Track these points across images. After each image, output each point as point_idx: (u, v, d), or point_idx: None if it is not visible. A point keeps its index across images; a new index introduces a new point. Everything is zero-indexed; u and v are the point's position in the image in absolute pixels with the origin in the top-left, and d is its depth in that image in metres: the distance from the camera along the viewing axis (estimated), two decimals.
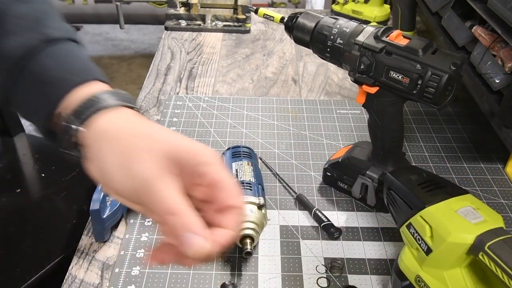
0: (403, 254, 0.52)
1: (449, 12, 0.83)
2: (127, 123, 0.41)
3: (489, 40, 0.71)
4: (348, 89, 1.01)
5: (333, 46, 0.63)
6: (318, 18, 0.65)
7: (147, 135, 0.40)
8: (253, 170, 0.68)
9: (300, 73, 1.07)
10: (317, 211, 0.68)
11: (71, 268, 0.61)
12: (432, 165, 0.80)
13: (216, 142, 0.84)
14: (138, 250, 0.63)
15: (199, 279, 0.60)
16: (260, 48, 1.17)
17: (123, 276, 0.60)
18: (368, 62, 0.60)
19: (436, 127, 0.89)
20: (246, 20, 1.25)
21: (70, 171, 1.05)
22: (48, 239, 0.91)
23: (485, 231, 0.45)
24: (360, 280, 0.60)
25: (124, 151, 0.38)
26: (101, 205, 0.61)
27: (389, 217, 0.69)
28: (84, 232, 0.67)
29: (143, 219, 0.68)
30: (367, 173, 0.68)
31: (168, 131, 0.41)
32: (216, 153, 0.42)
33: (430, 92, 0.57)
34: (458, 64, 0.56)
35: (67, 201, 0.99)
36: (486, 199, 0.73)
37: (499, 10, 0.63)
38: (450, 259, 0.47)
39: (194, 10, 1.24)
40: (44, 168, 1.08)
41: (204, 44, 1.18)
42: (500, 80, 0.67)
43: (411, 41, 0.59)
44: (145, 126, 0.41)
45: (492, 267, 0.43)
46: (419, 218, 0.49)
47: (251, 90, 1.00)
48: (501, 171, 0.79)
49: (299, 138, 0.86)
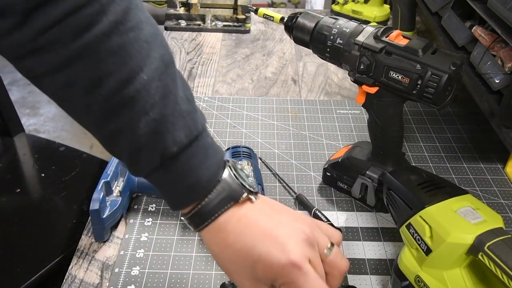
0: (403, 254, 0.52)
1: (449, 12, 0.83)
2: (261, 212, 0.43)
3: (489, 40, 0.71)
4: (348, 89, 1.01)
5: (333, 46, 0.63)
6: (318, 18, 0.65)
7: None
8: (253, 170, 0.68)
9: (300, 73, 1.07)
10: (317, 211, 0.68)
11: (71, 268, 0.61)
12: (432, 165, 0.80)
13: (216, 142, 0.83)
14: (138, 250, 0.63)
15: (199, 279, 0.60)
16: (260, 48, 1.17)
17: (123, 276, 0.60)
18: (368, 62, 0.60)
19: (436, 127, 0.89)
20: (246, 20, 1.25)
21: (70, 171, 1.05)
22: (48, 239, 0.91)
23: (484, 231, 0.45)
24: (360, 280, 0.60)
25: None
26: (101, 205, 0.61)
27: (389, 217, 0.69)
28: (84, 232, 0.67)
29: (143, 219, 0.68)
30: (367, 173, 0.68)
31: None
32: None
33: (430, 92, 0.57)
34: (458, 64, 0.56)
35: (67, 201, 0.99)
36: (486, 199, 0.73)
37: (499, 10, 0.63)
38: (449, 259, 0.47)
39: (194, 10, 1.24)
40: (44, 168, 1.08)
41: (204, 44, 1.18)
42: (500, 80, 0.67)
43: (411, 41, 0.60)
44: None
45: (492, 267, 0.43)
46: (418, 218, 0.49)
47: (251, 90, 1.00)
48: (501, 171, 0.79)
49: (299, 138, 0.86)
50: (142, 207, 0.70)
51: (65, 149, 1.15)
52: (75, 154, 1.13)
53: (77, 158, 1.12)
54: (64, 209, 0.98)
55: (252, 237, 0.41)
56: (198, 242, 0.65)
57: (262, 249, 0.40)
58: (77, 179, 1.04)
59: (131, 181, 0.67)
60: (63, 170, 1.06)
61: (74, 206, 0.97)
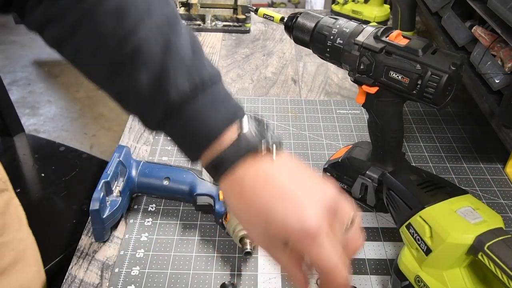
0: (403, 254, 0.52)
1: (449, 12, 0.83)
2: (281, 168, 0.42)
3: (489, 40, 0.71)
4: (348, 89, 1.01)
5: (333, 46, 0.63)
6: (318, 18, 0.65)
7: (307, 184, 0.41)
8: None
9: (300, 73, 1.07)
10: None
11: (71, 268, 0.61)
12: (432, 165, 0.80)
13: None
14: (138, 250, 0.63)
15: (199, 279, 0.60)
16: (260, 48, 1.17)
17: (123, 276, 0.60)
18: (368, 62, 0.60)
19: (436, 127, 0.89)
20: (246, 20, 1.25)
21: (70, 171, 1.06)
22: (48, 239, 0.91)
23: (484, 231, 0.45)
24: (360, 280, 0.60)
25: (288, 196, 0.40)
26: (101, 205, 0.61)
27: (389, 217, 0.69)
28: (84, 232, 0.67)
29: (143, 219, 0.68)
30: (367, 173, 0.68)
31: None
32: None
33: (430, 92, 0.57)
34: (458, 64, 0.56)
35: (67, 201, 0.99)
36: (486, 199, 0.73)
37: (499, 10, 0.63)
38: (449, 259, 0.47)
39: (194, 10, 1.24)
40: (44, 168, 1.08)
41: (203, 44, 1.18)
42: (500, 80, 0.67)
43: (411, 41, 0.59)
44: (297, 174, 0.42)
45: (492, 267, 0.43)
46: (418, 218, 0.49)
47: (251, 90, 1.00)
48: (501, 171, 0.79)
49: (299, 138, 0.86)
50: (142, 207, 0.70)
51: (65, 149, 1.15)
52: (75, 154, 1.13)
53: (77, 158, 1.12)
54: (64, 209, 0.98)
55: (268, 196, 0.40)
56: (198, 242, 0.65)
57: (276, 210, 0.39)
58: (77, 179, 1.04)
59: (131, 181, 0.68)
60: (63, 170, 1.06)
61: (74, 206, 0.97)
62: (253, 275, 0.60)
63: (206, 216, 0.69)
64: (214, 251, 0.63)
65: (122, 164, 0.66)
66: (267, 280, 0.60)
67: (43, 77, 2.72)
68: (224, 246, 0.64)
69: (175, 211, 0.69)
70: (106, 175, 0.63)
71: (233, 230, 0.60)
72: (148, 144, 0.83)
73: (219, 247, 0.64)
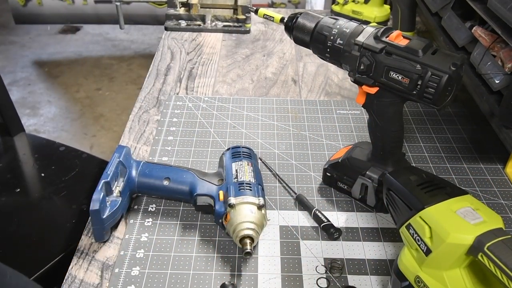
0: (403, 255, 0.52)
1: (449, 12, 0.83)
2: None
3: (489, 41, 0.71)
4: (348, 89, 1.01)
5: (333, 47, 0.63)
6: (318, 18, 0.65)
7: None
8: (253, 170, 0.68)
9: (300, 74, 1.07)
10: (317, 211, 0.68)
11: (71, 268, 0.61)
12: (432, 166, 0.80)
13: (216, 143, 0.84)
14: (138, 251, 0.63)
15: (199, 279, 0.60)
16: (260, 48, 1.17)
17: (123, 276, 0.60)
18: (368, 62, 0.60)
19: (436, 127, 0.89)
20: (246, 21, 1.25)
21: (70, 171, 1.06)
22: (48, 239, 0.91)
23: (484, 231, 0.45)
24: (360, 281, 0.60)
25: None
26: (101, 205, 0.61)
27: (389, 218, 0.69)
28: (84, 232, 0.67)
29: (143, 219, 0.68)
30: (367, 174, 0.68)
31: None
32: None
33: (430, 92, 0.57)
34: (458, 64, 0.56)
35: (67, 201, 0.99)
36: (486, 200, 0.73)
37: (499, 11, 0.63)
38: (449, 260, 0.47)
39: (194, 11, 1.24)
40: (44, 168, 1.08)
41: (204, 45, 1.18)
42: (500, 81, 0.67)
43: (411, 41, 0.60)
44: None
45: (492, 267, 0.43)
46: (418, 218, 0.49)
47: (251, 90, 1.00)
48: (501, 171, 0.79)
49: (299, 138, 0.86)
50: (142, 207, 0.70)
51: (65, 149, 1.15)
52: (75, 154, 1.13)
53: (77, 158, 1.12)
54: (64, 209, 0.98)
55: None
56: (198, 242, 0.65)
57: None
58: (77, 179, 1.04)
59: (131, 181, 0.68)
60: (63, 170, 1.06)
61: (74, 206, 0.97)
62: (253, 275, 0.60)
63: (206, 216, 0.69)
64: (214, 251, 0.63)
65: (122, 164, 0.66)
66: (267, 280, 0.60)
67: (43, 77, 2.72)
68: (224, 246, 0.64)
69: (175, 212, 0.69)
70: (106, 175, 0.63)
71: (233, 230, 0.60)
72: (148, 144, 0.83)
73: (219, 247, 0.64)
